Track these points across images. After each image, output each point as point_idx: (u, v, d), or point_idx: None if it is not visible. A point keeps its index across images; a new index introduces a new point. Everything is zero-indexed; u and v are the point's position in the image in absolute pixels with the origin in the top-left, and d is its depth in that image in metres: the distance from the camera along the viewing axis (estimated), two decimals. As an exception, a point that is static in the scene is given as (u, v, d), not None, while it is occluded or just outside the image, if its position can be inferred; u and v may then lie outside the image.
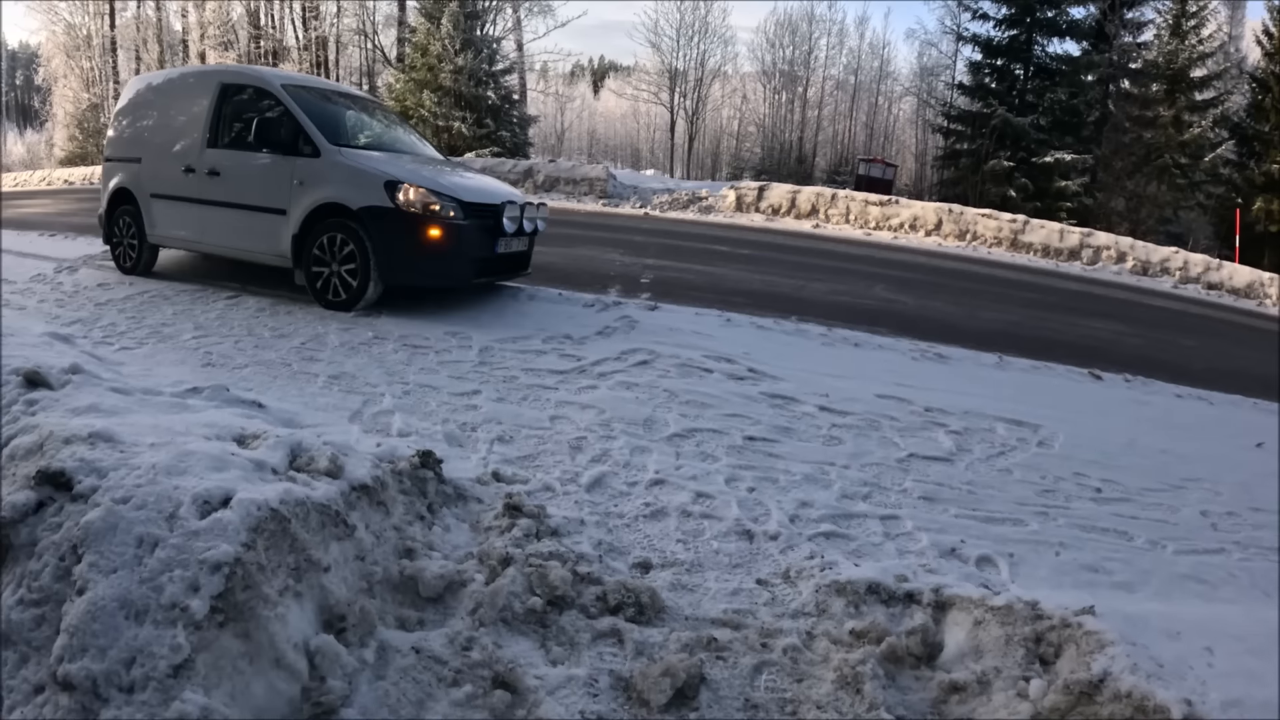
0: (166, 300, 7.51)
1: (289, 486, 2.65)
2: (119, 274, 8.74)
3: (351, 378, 5.25)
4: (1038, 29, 29.87)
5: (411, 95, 28.32)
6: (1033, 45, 30.12)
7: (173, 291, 7.81)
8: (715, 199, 19.60)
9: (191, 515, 2.34)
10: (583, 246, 11.82)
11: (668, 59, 47.14)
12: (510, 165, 21.72)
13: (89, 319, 6.84)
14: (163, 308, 7.22)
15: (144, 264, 8.74)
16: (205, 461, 2.64)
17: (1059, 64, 29.87)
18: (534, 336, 6.29)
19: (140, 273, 8.69)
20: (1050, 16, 29.57)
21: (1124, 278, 16.77)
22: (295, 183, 7.14)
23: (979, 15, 31.48)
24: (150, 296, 7.65)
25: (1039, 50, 30.26)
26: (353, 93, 9.04)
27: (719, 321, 7.23)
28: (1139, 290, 15.45)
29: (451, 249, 6.80)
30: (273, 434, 3.14)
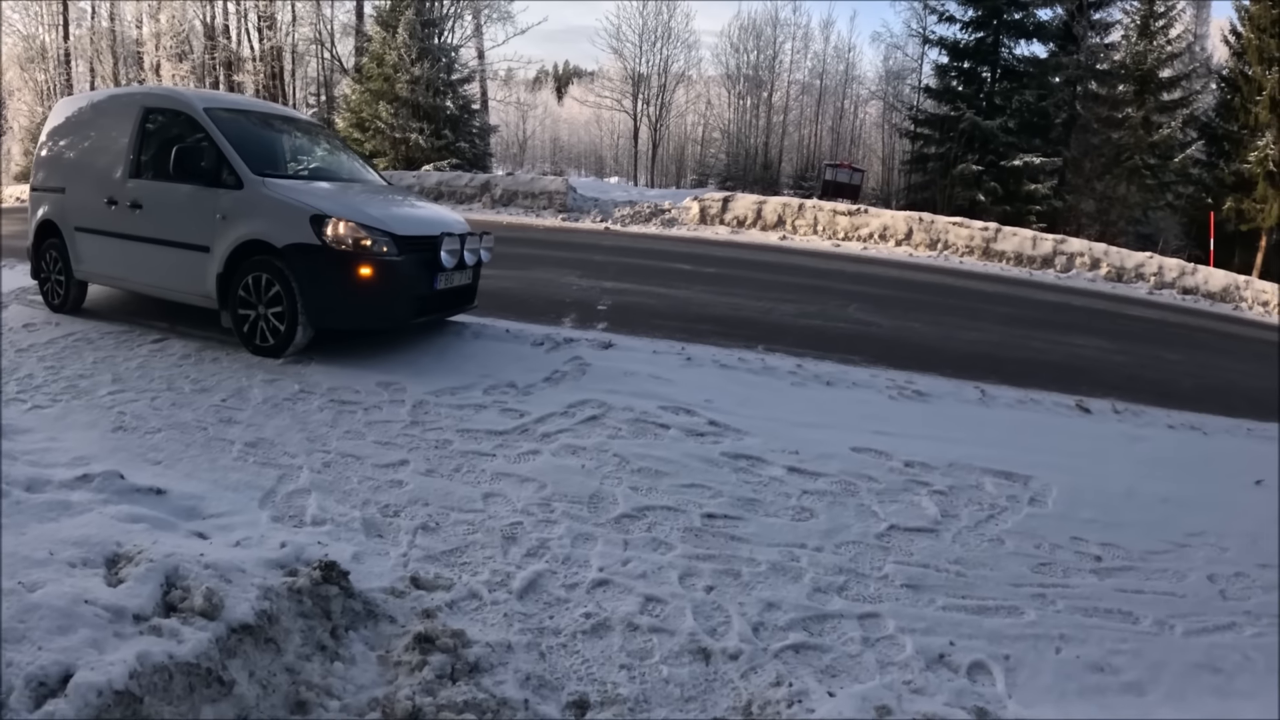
0: (90, 345, 7.01)
1: (147, 647, 2.22)
2: (48, 312, 8.24)
3: (270, 445, 4.75)
4: (1005, 31, 29.83)
5: (367, 106, 27.70)
6: (1000, 47, 30.09)
7: (98, 334, 7.32)
8: (678, 211, 19.13)
9: (23, 706, 1.87)
10: (539, 268, 11.32)
11: (630, 64, 46.78)
12: (467, 179, 21.20)
13: (7, 369, 6.35)
14: (84, 355, 6.72)
15: (72, 301, 8.20)
16: (51, 618, 2.24)
17: (1026, 66, 29.88)
18: (475, 386, 5.76)
19: (69, 310, 8.16)
20: (1017, 18, 29.56)
21: (1099, 285, 16.53)
22: (218, 217, 6.58)
23: (945, 18, 31.43)
24: (74, 340, 7.15)
25: (1006, 52, 30.28)
26: (289, 114, 8.45)
27: (678, 361, 6.69)
28: (1115, 298, 15.17)
29: (385, 288, 6.25)
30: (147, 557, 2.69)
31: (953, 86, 31.39)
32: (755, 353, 7.41)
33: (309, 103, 41.48)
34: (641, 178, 47.97)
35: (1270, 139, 24.66)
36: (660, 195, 28.41)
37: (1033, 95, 28.48)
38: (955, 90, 31.10)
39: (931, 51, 34.82)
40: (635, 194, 29.32)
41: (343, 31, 37.74)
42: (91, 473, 3.87)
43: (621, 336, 7.58)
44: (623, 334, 7.81)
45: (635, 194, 29.32)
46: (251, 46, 39.43)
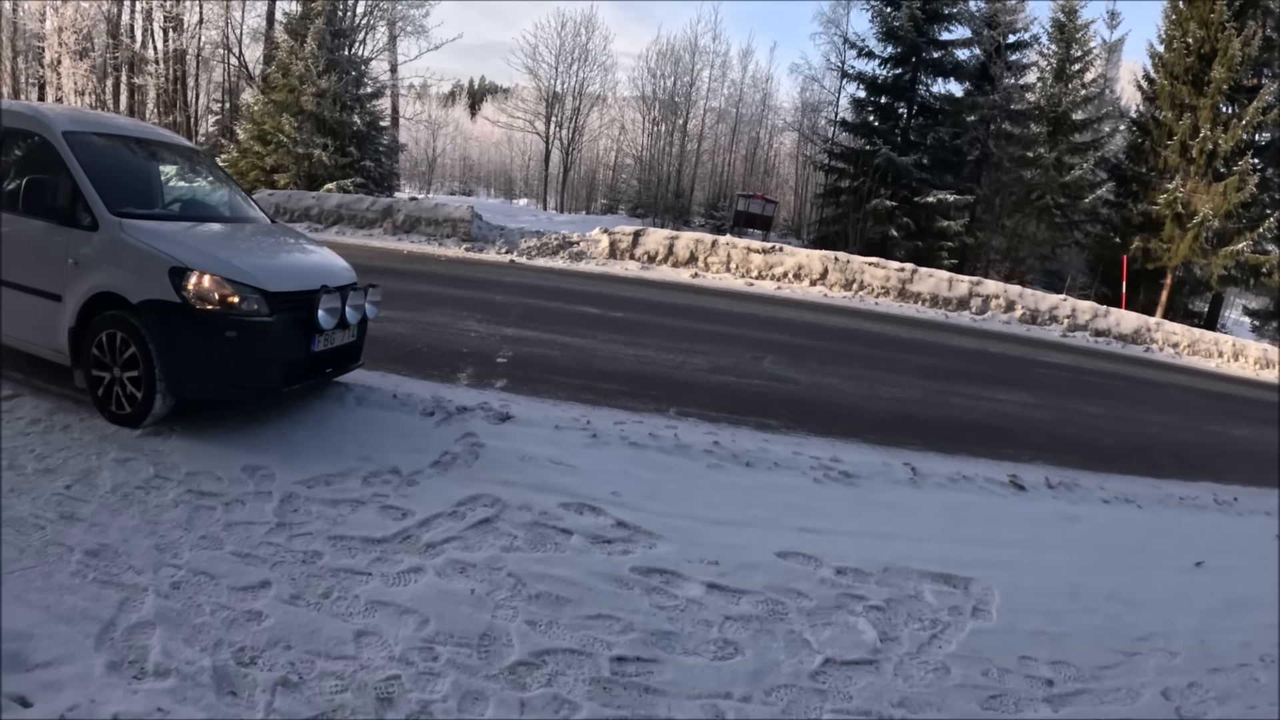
0: None
1: None
2: None
3: (113, 554, 4.03)
4: (923, 69, 30.44)
5: (270, 118, 26.61)
6: (917, 85, 30.60)
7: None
8: (587, 244, 18.59)
9: None
10: (437, 309, 10.66)
11: (545, 84, 46.12)
12: (369, 203, 20.40)
13: None
14: None
15: None
16: None
17: (943, 104, 30.40)
18: (353, 472, 5.09)
19: None
20: (936, 57, 30.27)
21: (1014, 327, 16.57)
22: (70, 262, 5.74)
23: (865, 53, 31.90)
24: None
25: (923, 90, 30.82)
26: (166, 139, 7.51)
27: (583, 439, 6.07)
28: (1031, 342, 15.19)
29: (254, 353, 5.51)
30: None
31: (869, 121, 31.90)
32: (667, 419, 6.93)
33: (212, 109, 39.90)
34: (551, 201, 47.30)
35: (1179, 182, 25.31)
36: (569, 223, 28.03)
37: (947, 133, 29.03)
38: (871, 125, 31.60)
39: (849, 86, 35.21)
40: (544, 221, 28.87)
41: (252, 37, 36.48)
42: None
43: (521, 399, 7.04)
44: (523, 394, 7.27)
45: (544, 221, 28.87)
46: (155, 48, 37.71)
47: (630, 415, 6.93)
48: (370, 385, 6.78)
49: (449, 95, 71.16)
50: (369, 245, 18.48)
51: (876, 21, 31.32)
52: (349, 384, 6.70)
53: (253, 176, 26.82)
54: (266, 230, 6.94)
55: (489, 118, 59.30)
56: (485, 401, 6.69)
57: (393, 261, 16.02)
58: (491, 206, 36.95)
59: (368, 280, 6.53)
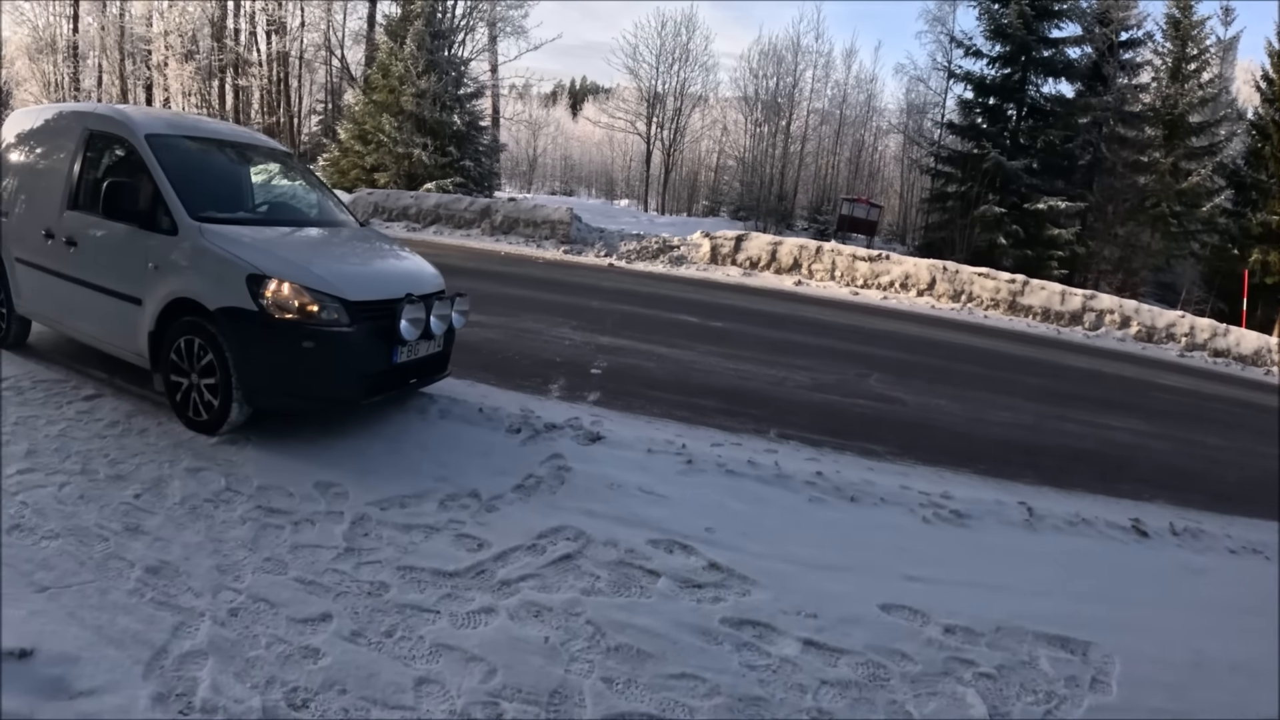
0: (18, 397, 6.22)
1: None
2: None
3: (173, 573, 3.88)
4: (1032, 68, 29.09)
5: (370, 118, 27.00)
6: (1027, 85, 29.30)
7: (31, 382, 6.54)
8: (688, 248, 18.23)
9: None
10: (531, 314, 10.46)
11: (646, 85, 45.83)
12: (467, 203, 20.41)
13: None
14: (8, 411, 5.90)
15: (14, 336, 7.43)
16: None
17: (1053, 105, 29.08)
18: (430, 494, 4.85)
19: (12, 346, 7.41)
20: (1046, 56, 28.90)
21: (1128, 345, 15.72)
22: (151, 266, 5.72)
23: (972, 52, 30.73)
24: (5, 388, 6.34)
25: (1033, 90, 29.49)
26: (253, 141, 7.53)
27: (677, 465, 5.72)
28: (1146, 362, 14.34)
29: (332, 365, 5.35)
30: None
31: (977, 123, 30.71)
32: (767, 442, 6.56)
33: (315, 110, 40.81)
34: (652, 202, 47.01)
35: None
36: (670, 225, 27.72)
37: (1058, 136, 27.76)
38: (979, 127, 30.40)
39: (956, 86, 34.01)
40: (644, 223, 28.63)
41: (353, 39, 37.18)
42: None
43: (614, 415, 6.75)
44: (616, 409, 6.98)
45: (644, 223, 28.63)
46: (258, 50, 38.76)
47: (728, 436, 6.59)
48: (455, 396, 6.58)
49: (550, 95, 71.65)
50: (466, 246, 18.50)
51: (984, 19, 30.18)
52: (433, 395, 6.51)
53: (353, 175, 27.26)
54: (354, 235, 6.78)
55: (590, 118, 59.36)
56: (575, 417, 6.43)
57: (488, 263, 15.98)
58: (591, 207, 36.90)
59: (456, 288, 6.32)
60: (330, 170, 29.04)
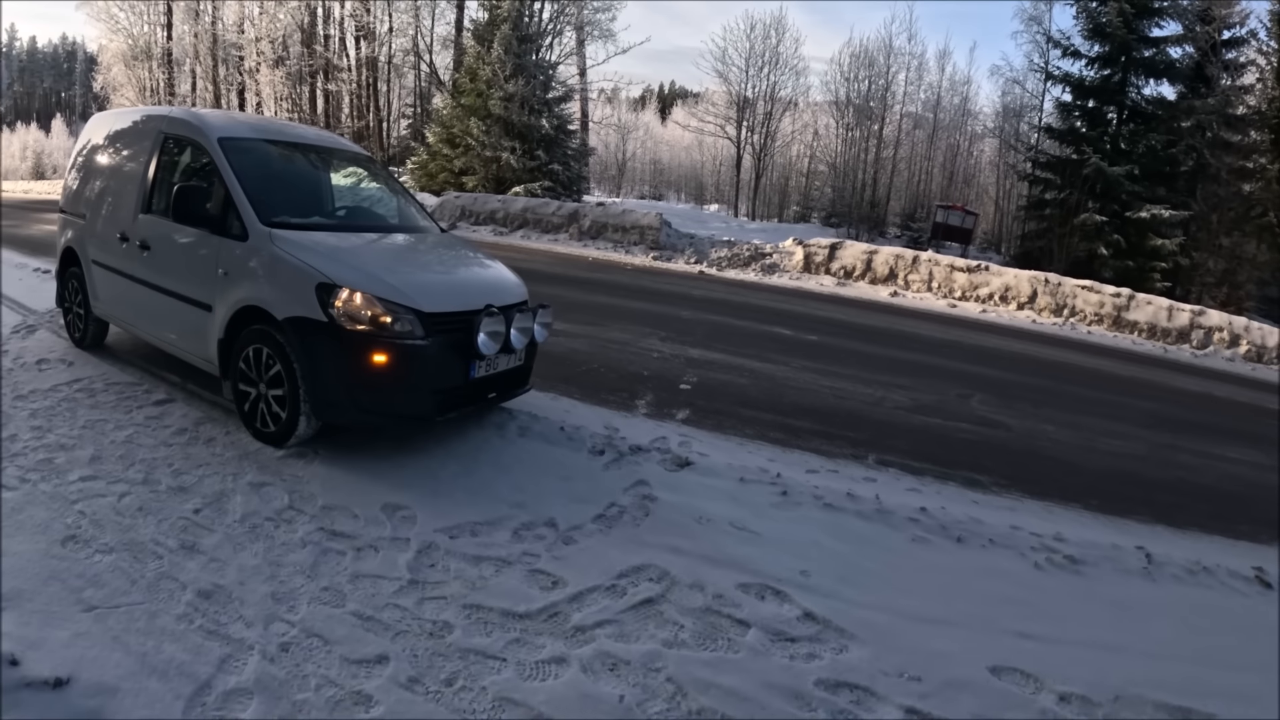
0: (90, 399, 6.25)
1: None
2: (67, 344, 7.67)
3: (226, 599, 3.66)
4: (1133, 69, 27.73)
5: (459, 122, 27.18)
6: (1127, 87, 27.92)
7: (104, 384, 6.57)
8: (780, 256, 17.75)
9: None
10: (618, 323, 10.15)
11: (736, 89, 45.30)
12: (554, 207, 20.26)
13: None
14: (79, 413, 5.93)
15: (91, 337, 7.53)
16: None
17: (1154, 108, 27.67)
18: (504, 522, 4.53)
19: (89, 347, 7.52)
20: (1147, 56, 27.49)
21: (1237, 365, 14.75)
22: (221, 272, 5.57)
23: (1069, 52, 29.53)
24: (78, 390, 6.43)
25: (1133, 92, 28.08)
26: (330, 145, 7.39)
27: (771, 496, 5.28)
28: (1258, 385, 13.32)
29: (403, 379, 5.06)
30: None
31: (1076, 127, 29.39)
32: (866, 469, 6.10)
33: (404, 114, 41.38)
34: (743, 207, 46.50)
35: None
36: (761, 231, 27.24)
37: (1159, 140, 26.39)
38: (1078, 131, 29.07)
39: (1054, 88, 32.66)
40: (735, 228, 28.24)
41: (442, 44, 37.59)
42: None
43: (704, 436, 6.36)
44: (706, 429, 6.60)
45: (735, 228, 28.24)
46: (348, 55, 39.49)
47: (824, 462, 6.15)
48: (536, 412, 6.26)
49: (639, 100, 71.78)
50: (553, 251, 18.32)
51: (1081, 18, 29.02)
52: (513, 410, 6.21)
53: (441, 179, 27.46)
54: (435, 242, 6.54)
55: (679, 122, 59.09)
56: (663, 438, 6.07)
57: (576, 269, 15.75)
58: (681, 212, 36.49)
59: (540, 298, 6.03)
60: (418, 173, 29.36)
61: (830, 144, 46.05)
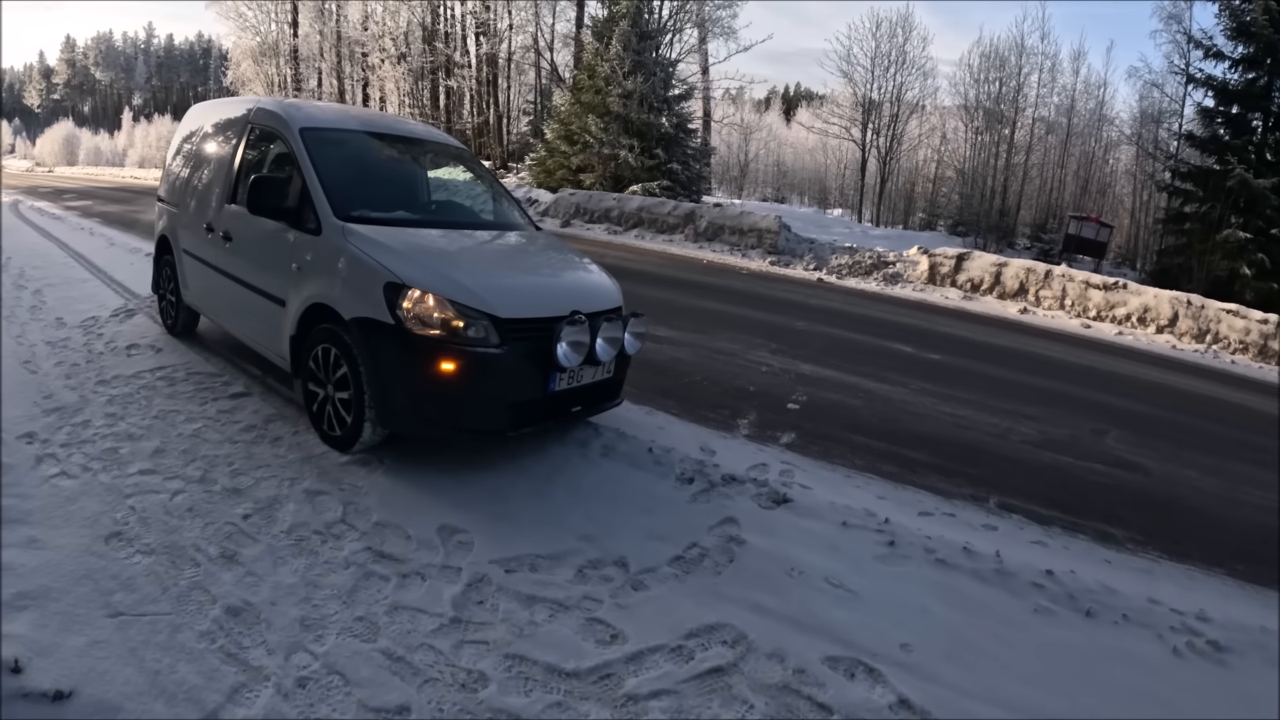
0: (168, 388, 6.23)
1: None
2: (160, 330, 7.81)
3: (254, 620, 3.39)
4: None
5: (577, 119, 27.03)
6: (1274, 92, 25.78)
7: (185, 374, 6.55)
8: (904, 265, 16.92)
9: None
10: (728, 332, 9.62)
11: (861, 90, 43.88)
12: (670, 207, 19.86)
13: (72, 408, 5.69)
14: (154, 402, 5.90)
15: (182, 325, 7.58)
16: None
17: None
18: (570, 556, 4.08)
19: (179, 333, 7.58)
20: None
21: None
22: (294, 267, 5.34)
23: (1212, 54, 27.39)
24: (159, 378, 6.45)
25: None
26: (427, 137, 7.08)
27: (876, 547, 4.63)
28: None
29: (475, 390, 4.64)
30: None
31: (1219, 135, 27.23)
32: (986, 514, 5.41)
33: (524, 110, 41.65)
34: (866, 212, 45.13)
35: None
36: (884, 238, 26.33)
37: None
38: (1221, 140, 26.92)
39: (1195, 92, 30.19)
40: (858, 234, 27.36)
41: (562, 42, 37.68)
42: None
43: (807, 465, 5.78)
44: (811, 456, 6.01)
45: (858, 234, 27.36)
46: (467, 52, 39.93)
47: (940, 503, 5.49)
48: (626, 429, 5.80)
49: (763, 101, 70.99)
50: (667, 252, 17.90)
51: (1224, 16, 26.84)
52: (600, 426, 5.77)
53: (559, 175, 27.41)
54: (527, 241, 6.15)
55: (803, 123, 57.96)
56: (762, 465, 5.54)
57: (688, 272, 15.29)
58: (803, 216, 35.43)
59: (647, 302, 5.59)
60: (536, 170, 29.40)
61: (958, 148, 44.29)
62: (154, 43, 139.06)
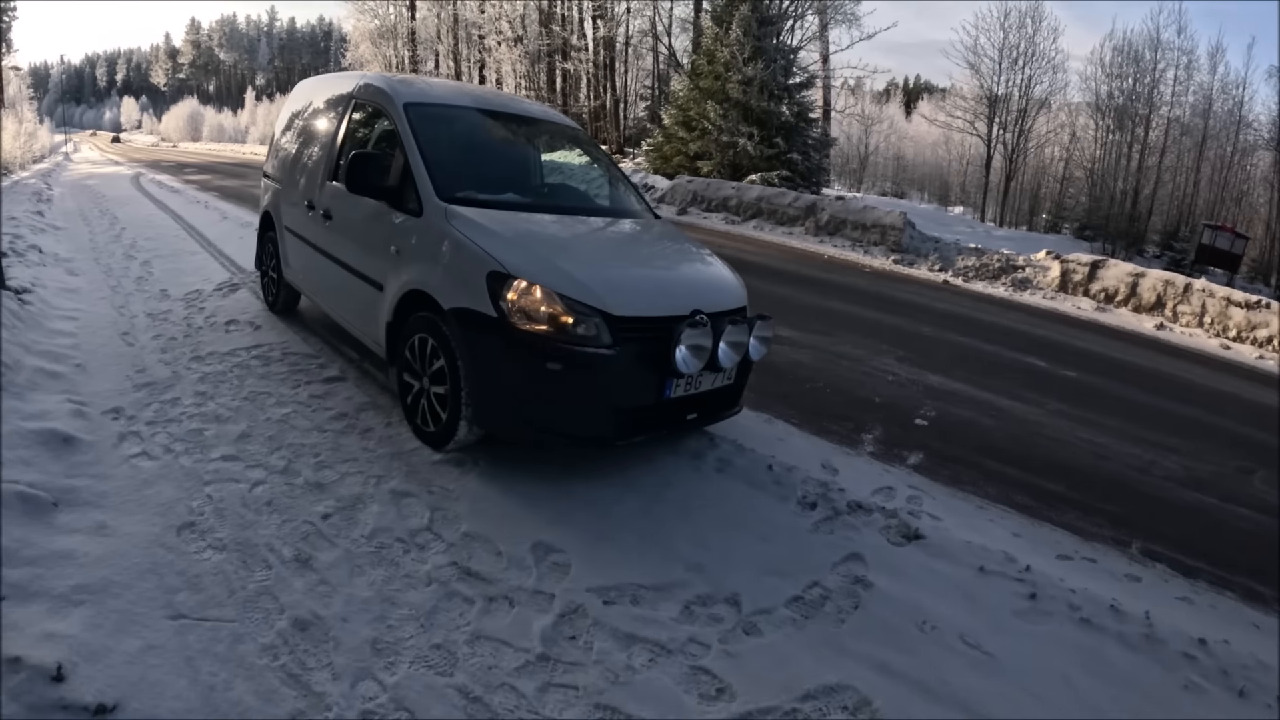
0: (262, 367, 6.11)
1: None
2: (261, 307, 7.76)
3: (322, 636, 3.10)
4: None
5: (695, 105, 26.56)
6: None
7: (282, 353, 6.40)
8: (1034, 270, 15.95)
9: None
10: (851, 335, 9.04)
11: (987, 83, 42.14)
12: (791, 198, 19.23)
13: (163, 384, 5.62)
14: (246, 382, 5.77)
15: (283, 303, 7.44)
16: None
17: None
18: (675, 589, 3.62)
19: (280, 311, 7.47)
20: None
21: None
22: (393, 249, 5.02)
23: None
24: (254, 356, 6.31)
25: None
26: (540, 115, 6.70)
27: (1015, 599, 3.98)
28: None
29: (581, 395, 4.23)
30: None
31: None
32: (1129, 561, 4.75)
33: (642, 95, 41.31)
34: (990, 211, 43.48)
35: None
36: (1009, 240, 25.25)
37: None
38: None
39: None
40: (981, 234, 26.33)
41: (680, 26, 37.22)
42: (26, 659, 2.65)
43: (938, 492, 5.23)
44: (940, 483, 5.42)
45: (981, 234, 26.33)
46: (584, 34, 39.76)
47: (1079, 544, 4.87)
48: (744, 441, 5.30)
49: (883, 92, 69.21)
50: (786, 245, 17.28)
51: None
52: (716, 436, 5.30)
53: (676, 162, 27.01)
54: (644, 230, 5.69)
55: (925, 115, 56.19)
56: (889, 489, 5.04)
57: (809, 267, 14.67)
58: (924, 213, 34.20)
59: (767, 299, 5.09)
60: (653, 156, 29.05)
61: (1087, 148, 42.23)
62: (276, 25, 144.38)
